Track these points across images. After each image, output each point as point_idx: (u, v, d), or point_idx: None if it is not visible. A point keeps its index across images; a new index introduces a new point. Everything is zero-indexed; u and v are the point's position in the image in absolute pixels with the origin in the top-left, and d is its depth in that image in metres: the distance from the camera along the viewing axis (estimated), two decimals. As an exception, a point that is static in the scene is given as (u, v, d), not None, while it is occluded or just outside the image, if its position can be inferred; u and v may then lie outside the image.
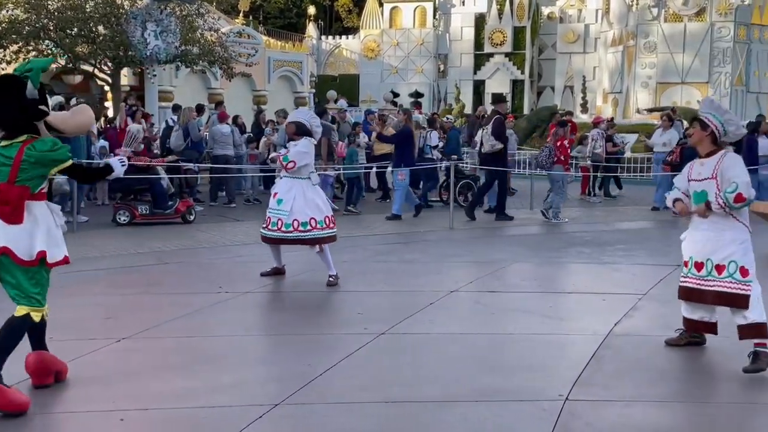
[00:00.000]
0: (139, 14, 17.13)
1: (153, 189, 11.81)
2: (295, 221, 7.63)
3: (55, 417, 4.40)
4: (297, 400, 4.62)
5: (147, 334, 6.06)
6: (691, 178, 5.44)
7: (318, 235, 7.71)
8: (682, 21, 33.92)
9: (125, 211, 11.68)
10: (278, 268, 8.12)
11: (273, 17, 49.06)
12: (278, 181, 8.03)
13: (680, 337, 5.71)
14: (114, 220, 11.70)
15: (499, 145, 12.55)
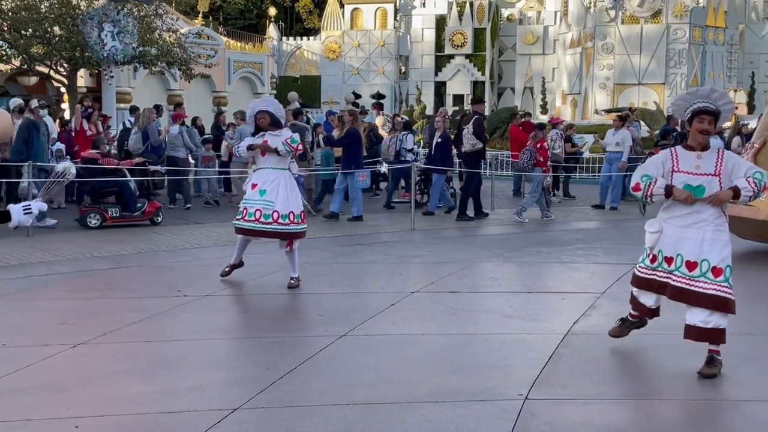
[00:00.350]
0: (96, 15, 16.90)
1: (122, 191, 11.72)
2: (275, 213, 7.54)
3: (9, 426, 4.30)
4: (256, 404, 4.57)
5: (103, 339, 5.97)
6: (681, 170, 5.11)
7: (295, 229, 7.68)
8: (639, 23, 34.43)
9: (96, 214, 11.54)
10: (236, 264, 8.02)
11: (233, 18, 48.74)
12: (256, 172, 7.78)
13: (624, 326, 5.67)
14: (84, 224, 11.52)
15: (479, 144, 12.90)
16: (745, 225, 9.40)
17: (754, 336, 6.10)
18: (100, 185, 11.47)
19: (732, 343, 5.45)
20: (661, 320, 6.58)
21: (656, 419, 4.41)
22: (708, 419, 4.46)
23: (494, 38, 42.22)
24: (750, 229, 9.52)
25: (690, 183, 5.06)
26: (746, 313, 6.67)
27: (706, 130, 5.09)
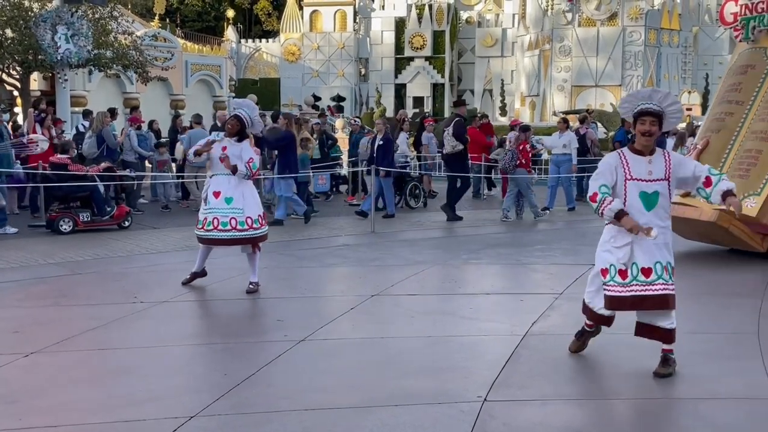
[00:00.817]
0: (49, 17, 16.63)
1: (92, 196, 11.68)
2: (248, 219, 7.49)
3: (-43, 438, 4.20)
4: (214, 411, 4.52)
5: (57, 348, 5.85)
6: (634, 177, 5.01)
7: (264, 231, 7.71)
8: (596, 26, 34.87)
9: (68, 219, 11.47)
10: (198, 273, 7.92)
11: (190, 20, 48.35)
12: (215, 179, 7.58)
13: (583, 339, 5.58)
14: (53, 228, 11.37)
15: (459, 146, 13.17)
16: (689, 226, 9.45)
17: (710, 335, 6.20)
18: (71, 190, 11.42)
19: (688, 342, 5.54)
20: (618, 320, 6.66)
21: (614, 419, 4.45)
22: (664, 418, 4.51)
23: (453, 41, 42.44)
24: (694, 230, 9.58)
25: (646, 191, 4.98)
26: (700, 313, 6.79)
27: (648, 131, 5.02)
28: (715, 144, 9.53)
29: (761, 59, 9.90)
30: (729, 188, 5.01)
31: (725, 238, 9.28)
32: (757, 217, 8.78)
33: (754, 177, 8.97)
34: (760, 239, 9.07)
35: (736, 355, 5.59)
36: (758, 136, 9.21)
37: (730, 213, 8.78)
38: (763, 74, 9.73)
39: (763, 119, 9.30)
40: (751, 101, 9.58)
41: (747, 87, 9.76)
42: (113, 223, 11.85)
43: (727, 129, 9.55)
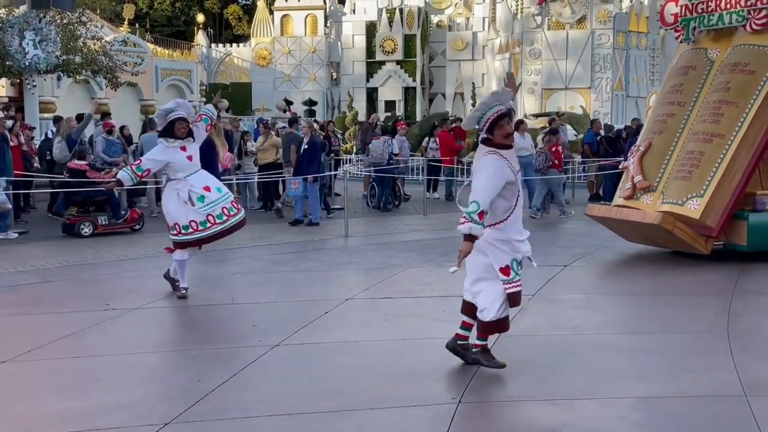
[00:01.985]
0: (17, 23, 16.46)
1: (109, 200, 12.12)
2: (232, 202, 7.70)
3: (-73, 450, 4.15)
4: (188, 418, 4.50)
5: (29, 356, 5.80)
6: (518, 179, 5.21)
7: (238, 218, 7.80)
8: (565, 29, 35.16)
9: (88, 222, 11.88)
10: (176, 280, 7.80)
11: (160, 25, 48.04)
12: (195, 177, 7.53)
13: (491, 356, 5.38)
14: (74, 233, 11.69)
15: None
16: (632, 228, 9.47)
17: (681, 334, 6.28)
18: (90, 194, 11.81)
19: (660, 340, 5.60)
20: (587, 319, 6.74)
21: (587, 418, 4.50)
22: (635, 417, 4.56)
23: (424, 44, 42.56)
24: (637, 232, 9.59)
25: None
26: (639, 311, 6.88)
27: (510, 133, 5.14)
28: (657, 146, 9.49)
29: (702, 60, 9.82)
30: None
31: (669, 241, 9.22)
32: (700, 219, 8.74)
33: (696, 178, 8.92)
34: (704, 241, 9.01)
35: (707, 353, 5.67)
36: (700, 137, 9.15)
37: (672, 214, 8.87)
38: (704, 75, 9.64)
39: (704, 120, 9.24)
40: (693, 102, 9.51)
41: (688, 88, 9.68)
42: (127, 227, 12.24)
43: (669, 130, 9.50)
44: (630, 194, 9.48)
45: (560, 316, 6.94)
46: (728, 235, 9.16)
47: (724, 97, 9.22)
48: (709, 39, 9.93)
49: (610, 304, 7.54)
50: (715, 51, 9.77)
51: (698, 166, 8.97)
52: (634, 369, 5.34)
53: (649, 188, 9.30)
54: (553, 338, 6.18)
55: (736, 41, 9.61)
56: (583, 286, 8.23)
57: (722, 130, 9.03)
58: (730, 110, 9.08)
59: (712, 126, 9.13)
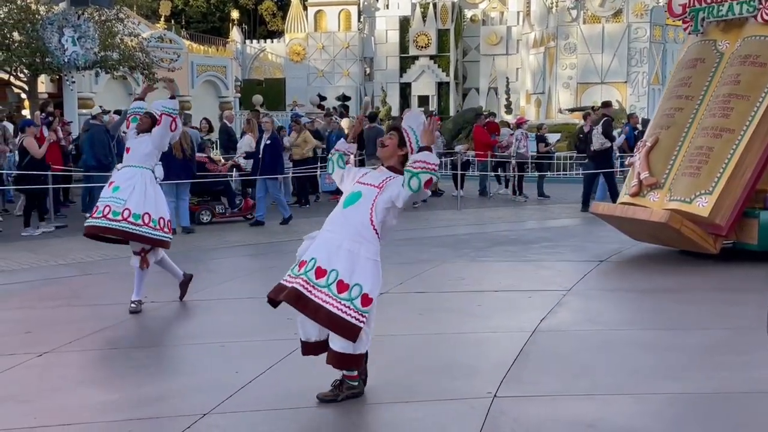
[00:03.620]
0: (56, 20, 16.70)
1: (226, 190, 13.01)
2: (126, 210, 6.84)
3: (-27, 437, 4.25)
4: (225, 408, 4.56)
5: (69, 348, 5.91)
6: (357, 180, 4.72)
7: (148, 233, 6.95)
8: (600, 22, 34.82)
9: (207, 211, 12.92)
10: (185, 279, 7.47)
11: (195, 21, 48.45)
12: (117, 171, 7.25)
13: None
14: (194, 220, 12.49)
15: (608, 144, 14.13)
16: (638, 227, 9.14)
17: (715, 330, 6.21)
18: (209, 185, 12.77)
19: (696, 336, 5.54)
20: (622, 315, 6.69)
21: (623, 414, 4.47)
22: (671, 414, 4.53)
23: (458, 39, 42.42)
24: (643, 231, 9.27)
25: (353, 190, 4.66)
26: (675, 308, 6.80)
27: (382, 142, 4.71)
28: (664, 141, 9.13)
29: (711, 52, 9.42)
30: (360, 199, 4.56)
31: (676, 240, 8.85)
32: (709, 217, 8.40)
33: (705, 175, 8.55)
34: (713, 240, 8.62)
35: (746, 349, 5.60)
36: (709, 132, 8.79)
37: (679, 212, 8.49)
38: (713, 68, 9.26)
39: (713, 115, 8.87)
40: (701, 96, 9.13)
41: (697, 81, 9.30)
42: (240, 215, 13.13)
43: (677, 125, 9.14)
44: (636, 191, 9.07)
45: (594, 312, 6.90)
46: (738, 234, 8.74)
47: (734, 90, 8.83)
48: (718, 30, 9.50)
49: (645, 300, 7.46)
50: (724, 43, 9.36)
51: (707, 162, 8.61)
52: (670, 365, 5.29)
53: (656, 185, 8.91)
54: (587, 334, 6.15)
55: (746, 32, 9.20)
56: (618, 281, 8.16)
57: (732, 124, 8.65)
58: (741, 104, 8.70)
59: (721, 120, 8.75)
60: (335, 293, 4.42)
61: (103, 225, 6.88)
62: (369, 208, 4.53)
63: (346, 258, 4.49)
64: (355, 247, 4.51)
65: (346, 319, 4.38)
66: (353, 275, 4.46)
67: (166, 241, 7.15)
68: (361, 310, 4.42)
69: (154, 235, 6.98)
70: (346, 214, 4.61)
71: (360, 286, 4.46)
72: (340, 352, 4.48)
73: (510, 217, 13.80)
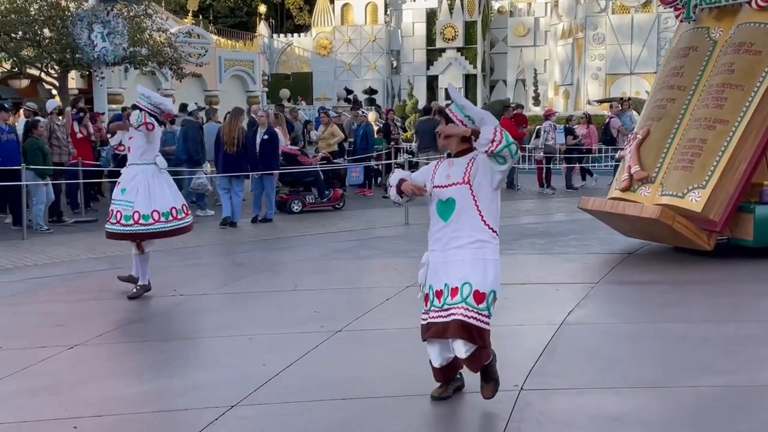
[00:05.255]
0: (85, 16, 16.85)
1: (316, 181, 13.53)
2: (135, 213, 7.05)
3: (6, 428, 4.32)
4: (253, 400, 4.60)
5: (99, 340, 5.99)
6: (435, 184, 4.37)
7: (161, 228, 7.15)
8: (629, 13, 34.46)
9: (298, 201, 13.39)
10: (130, 278, 7.42)
11: (223, 16, 48.66)
12: (123, 171, 7.39)
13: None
14: (286, 210, 13.09)
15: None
16: (629, 223, 8.84)
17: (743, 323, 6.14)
18: (300, 176, 13.29)
19: (723, 329, 5.48)
20: (651, 308, 6.64)
21: (650, 407, 4.44)
22: (699, 407, 4.48)
23: (485, 31, 42.19)
24: (633, 227, 8.94)
25: (441, 198, 4.35)
26: (706, 300, 6.72)
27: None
28: (656, 133, 8.75)
29: (704, 40, 9.01)
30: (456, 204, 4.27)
31: (668, 236, 8.53)
32: (702, 212, 8.04)
33: (698, 168, 8.19)
34: (707, 236, 8.27)
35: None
36: (702, 123, 8.41)
37: (671, 207, 8.14)
38: (706, 57, 8.86)
39: (706, 105, 8.48)
40: (694, 86, 8.74)
41: (689, 71, 8.90)
42: (330, 205, 13.59)
43: (669, 117, 8.75)
44: (626, 186, 8.66)
45: (622, 305, 6.86)
46: (733, 229, 8.42)
47: (727, 80, 8.48)
48: (711, 17, 9.12)
49: (674, 292, 7.39)
50: (718, 30, 8.99)
51: (700, 155, 8.24)
52: (700, 358, 5.24)
53: (647, 179, 8.51)
54: (614, 327, 6.11)
55: (740, 19, 8.84)
56: (646, 274, 8.08)
57: (726, 115, 8.30)
58: (735, 94, 8.36)
59: (714, 111, 8.37)
60: (474, 305, 4.22)
61: (119, 231, 7.19)
62: (474, 209, 4.27)
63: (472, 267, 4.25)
64: (479, 254, 4.26)
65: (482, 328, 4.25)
66: (485, 283, 4.25)
67: (182, 228, 7.36)
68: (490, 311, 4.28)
69: (167, 228, 7.20)
70: (452, 226, 4.31)
71: (494, 292, 4.30)
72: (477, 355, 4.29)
73: (537, 209, 13.73)
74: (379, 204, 14.40)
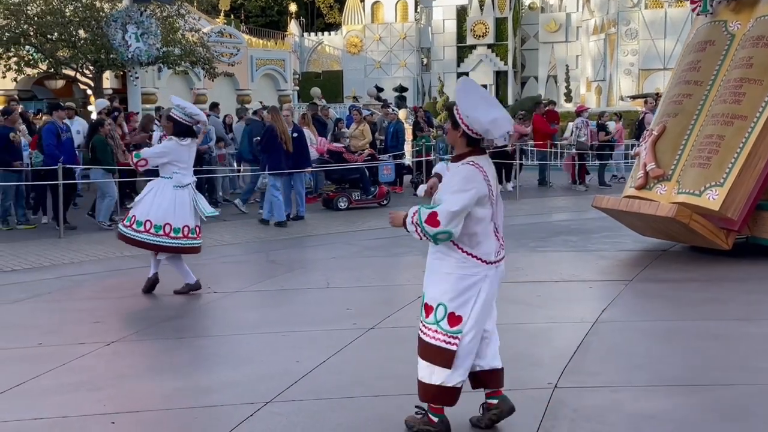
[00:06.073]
0: (120, 17, 17.04)
1: (361, 178, 13.84)
2: (147, 222, 7.21)
3: (46, 423, 4.40)
4: (288, 396, 4.64)
5: (136, 337, 6.07)
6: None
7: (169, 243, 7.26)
8: (663, 7, 34.08)
9: (344, 198, 13.61)
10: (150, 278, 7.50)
11: (254, 16, 48.95)
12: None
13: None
14: (333, 207, 13.39)
15: None
16: (644, 221, 8.66)
17: None
18: (345, 173, 13.62)
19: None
20: (688, 305, 6.58)
21: (685, 405, 4.41)
22: (734, 405, 4.44)
23: (516, 27, 41.99)
24: (648, 226, 8.79)
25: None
26: (744, 297, 6.63)
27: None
28: (672, 129, 8.54)
29: (721, 34, 8.79)
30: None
31: (685, 235, 8.35)
32: (720, 210, 7.83)
33: (715, 166, 7.98)
34: (725, 235, 8.07)
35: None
36: (719, 119, 8.20)
37: (688, 206, 7.95)
38: (724, 51, 8.65)
39: (724, 101, 8.28)
40: (711, 81, 8.55)
41: (706, 65, 8.69)
42: (375, 202, 13.80)
43: (685, 112, 8.55)
44: (642, 184, 8.46)
45: (657, 303, 6.80)
46: (752, 228, 8.22)
47: (746, 74, 8.27)
48: (729, 10, 8.89)
49: (710, 289, 7.31)
50: (735, 24, 8.77)
51: (717, 151, 8.04)
52: (737, 356, 5.19)
53: (663, 177, 8.31)
54: (649, 325, 6.07)
55: (759, 12, 8.63)
56: (681, 271, 8.00)
57: (744, 111, 8.09)
58: (753, 89, 8.14)
59: (732, 107, 8.18)
60: (423, 318, 4.06)
61: (131, 237, 7.31)
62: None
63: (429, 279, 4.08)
64: (436, 266, 4.04)
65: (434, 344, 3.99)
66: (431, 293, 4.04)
67: (184, 247, 7.35)
68: (450, 331, 3.96)
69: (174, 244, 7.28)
70: None
71: (444, 306, 3.97)
72: (421, 381, 4.07)
73: (570, 206, 13.65)
74: (409, 201, 14.41)
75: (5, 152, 11.75)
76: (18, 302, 7.33)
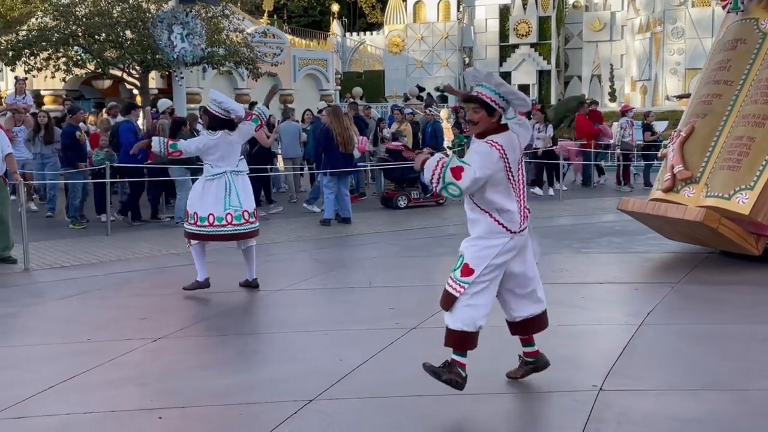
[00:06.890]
0: (165, 17, 17.28)
1: (420, 177, 13.41)
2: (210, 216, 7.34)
3: (96, 417, 4.49)
4: (331, 395, 4.66)
5: (182, 334, 6.16)
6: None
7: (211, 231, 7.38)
8: (710, 6, 33.52)
9: (404, 196, 13.84)
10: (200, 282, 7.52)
11: (297, 16, 49.27)
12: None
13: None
14: (391, 205, 13.65)
15: None
16: (671, 225, 8.44)
17: None
18: (404, 172, 13.61)
19: None
20: (735, 308, 6.46)
21: (732, 410, 4.34)
22: (789, 410, 4.36)
23: (560, 26, 41.65)
24: (675, 230, 8.58)
25: None
26: None
27: (470, 119, 4.39)
28: (701, 130, 8.30)
29: (752, 32, 8.54)
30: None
31: (713, 239, 8.13)
32: (750, 214, 7.59)
33: (746, 168, 7.73)
34: (755, 240, 7.84)
35: None
36: (750, 120, 7.96)
37: (717, 209, 7.72)
38: (755, 49, 8.39)
39: (755, 101, 8.05)
40: (742, 81, 8.31)
41: (736, 65, 8.45)
42: (433, 200, 13.92)
43: (715, 113, 8.31)
44: (669, 186, 8.23)
45: (704, 305, 6.69)
46: None
47: None
48: (761, 8, 8.64)
49: (760, 292, 7.16)
50: (767, 22, 8.53)
51: (748, 153, 7.79)
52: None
53: (690, 179, 8.08)
54: (696, 328, 5.98)
55: None
56: (729, 274, 7.86)
57: None
58: None
59: (764, 107, 7.95)
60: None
61: (196, 232, 7.41)
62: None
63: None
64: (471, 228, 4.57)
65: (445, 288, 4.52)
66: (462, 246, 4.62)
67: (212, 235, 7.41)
68: (460, 280, 4.49)
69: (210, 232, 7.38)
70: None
71: (463, 257, 4.54)
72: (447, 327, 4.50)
73: (614, 207, 13.47)
74: (451, 202, 14.38)
75: (71, 150, 12.02)
76: (67, 298, 7.48)
